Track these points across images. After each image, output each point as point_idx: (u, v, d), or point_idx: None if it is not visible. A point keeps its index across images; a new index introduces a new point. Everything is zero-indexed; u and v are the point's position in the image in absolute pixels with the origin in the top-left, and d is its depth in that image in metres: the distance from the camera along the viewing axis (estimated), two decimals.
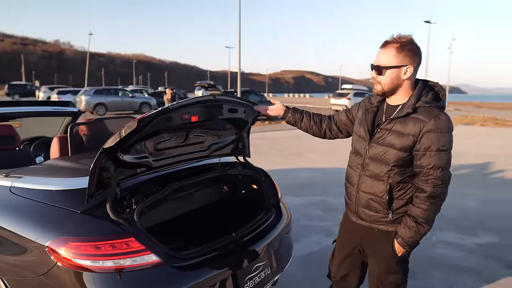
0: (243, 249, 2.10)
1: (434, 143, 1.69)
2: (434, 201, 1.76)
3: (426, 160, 1.71)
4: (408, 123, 1.73)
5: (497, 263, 3.51)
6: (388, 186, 1.79)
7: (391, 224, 1.86)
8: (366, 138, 1.86)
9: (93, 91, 22.28)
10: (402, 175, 1.79)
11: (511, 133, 14.55)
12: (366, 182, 1.86)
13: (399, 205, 1.83)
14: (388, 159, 1.77)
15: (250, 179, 2.64)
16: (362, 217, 1.92)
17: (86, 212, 1.73)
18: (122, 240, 1.66)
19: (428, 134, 1.69)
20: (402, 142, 1.73)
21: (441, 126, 1.69)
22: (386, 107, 1.86)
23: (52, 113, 3.74)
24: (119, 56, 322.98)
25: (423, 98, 1.74)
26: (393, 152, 1.76)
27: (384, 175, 1.79)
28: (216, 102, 2.11)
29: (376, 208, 1.85)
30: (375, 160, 1.81)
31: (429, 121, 1.69)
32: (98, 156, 1.69)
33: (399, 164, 1.77)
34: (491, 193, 5.98)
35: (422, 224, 1.77)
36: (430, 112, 1.71)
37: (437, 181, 1.73)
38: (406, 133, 1.72)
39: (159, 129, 1.93)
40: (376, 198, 1.83)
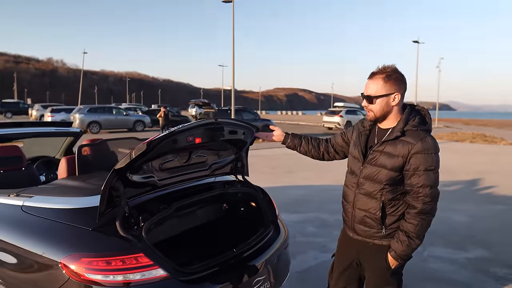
0: (244, 264, 2.21)
1: (422, 163, 1.83)
2: (424, 217, 1.88)
3: (416, 179, 1.85)
4: (397, 145, 1.87)
5: (487, 277, 3.64)
6: (381, 203, 1.92)
7: (384, 238, 1.97)
8: (360, 159, 2.00)
9: (87, 109, 22.36)
10: (394, 193, 1.92)
11: (499, 150, 14.89)
12: (361, 200, 1.99)
13: (391, 220, 1.95)
14: (380, 178, 1.90)
15: (249, 197, 2.76)
16: (358, 233, 2.04)
17: (97, 230, 1.83)
18: (131, 255, 1.77)
19: (416, 155, 1.83)
20: (393, 163, 1.87)
21: (427, 147, 1.84)
22: (378, 130, 2.01)
23: (55, 133, 3.84)
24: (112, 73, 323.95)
25: (410, 122, 1.89)
26: (385, 172, 1.89)
27: (377, 193, 1.92)
28: (218, 125, 2.25)
29: (370, 224, 1.97)
30: (369, 180, 1.94)
31: (416, 143, 1.83)
32: (110, 176, 1.81)
33: (390, 183, 1.90)
34: (479, 209, 6.15)
35: (413, 239, 1.89)
36: (417, 135, 1.86)
37: (426, 198, 1.86)
38: (396, 154, 1.86)
39: (165, 150, 2.06)
40: (370, 214, 1.96)
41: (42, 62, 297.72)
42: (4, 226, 2.03)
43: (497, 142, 17.58)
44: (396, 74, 1.89)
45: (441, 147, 1.92)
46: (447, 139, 19.24)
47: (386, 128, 1.97)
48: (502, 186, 7.89)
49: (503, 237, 4.77)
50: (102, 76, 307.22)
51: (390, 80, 1.87)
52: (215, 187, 2.61)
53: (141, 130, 23.66)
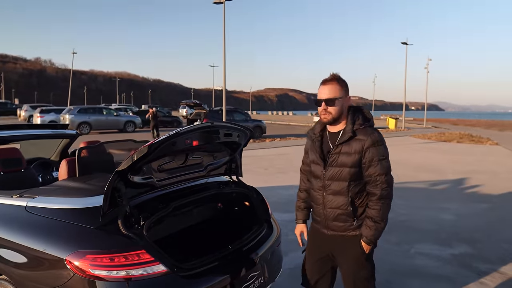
0: (239, 260, 2.32)
1: (375, 155, 2.07)
2: (384, 201, 2.10)
3: (372, 169, 2.08)
4: (352, 144, 2.10)
5: (470, 272, 3.81)
6: (349, 198, 2.13)
7: (357, 229, 2.18)
8: (321, 163, 2.19)
9: (77, 110, 22.22)
10: (358, 186, 2.14)
11: (486, 149, 15.23)
12: (330, 200, 2.17)
13: (361, 211, 2.17)
14: (344, 176, 2.11)
15: (243, 197, 2.88)
16: (334, 229, 2.21)
17: (100, 228, 1.93)
18: (133, 252, 1.87)
19: (369, 149, 2.07)
20: (351, 160, 2.09)
21: (376, 140, 2.08)
22: (329, 134, 2.21)
23: (52, 135, 3.91)
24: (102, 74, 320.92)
25: (357, 122, 2.12)
26: (347, 170, 2.10)
27: (344, 190, 2.13)
28: (214, 128, 2.36)
29: (343, 219, 2.17)
30: (334, 180, 2.14)
31: (367, 139, 2.07)
32: (112, 178, 1.91)
33: (354, 178, 2.12)
34: (466, 207, 6.35)
35: (379, 222, 2.11)
36: (365, 132, 2.10)
37: (383, 184, 2.09)
38: (352, 152, 2.09)
39: (165, 152, 2.17)
40: (342, 211, 2.15)
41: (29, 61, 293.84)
42: (9, 226, 2.12)
43: (483, 142, 17.96)
44: (344, 80, 2.16)
45: (429, 147, 2.12)
46: (435, 139, 19.59)
47: (337, 131, 2.18)
48: (488, 185, 8.13)
49: (487, 235, 4.96)
50: (91, 76, 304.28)
51: (343, 85, 2.13)
52: (211, 187, 2.72)
53: (132, 130, 23.59)
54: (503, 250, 4.41)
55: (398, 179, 8.75)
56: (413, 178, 8.89)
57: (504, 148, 15.90)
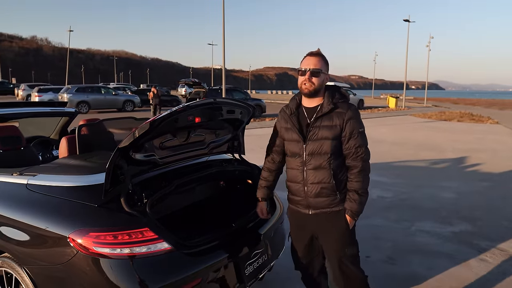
0: (243, 237, 2.31)
1: (356, 127, 2.09)
2: (365, 173, 2.11)
3: (352, 141, 2.09)
4: (332, 117, 2.10)
5: (470, 248, 3.84)
6: (331, 171, 2.10)
7: (340, 203, 2.15)
8: (300, 139, 2.14)
9: (75, 89, 22.02)
10: (338, 159, 2.13)
11: (486, 128, 15.20)
12: (312, 175, 2.13)
13: (342, 185, 2.15)
14: (326, 149, 2.09)
15: (245, 175, 2.85)
16: (316, 206, 2.16)
17: (103, 206, 1.90)
18: (137, 230, 1.85)
19: (350, 121, 2.09)
20: (333, 133, 2.09)
21: (356, 114, 2.12)
22: (306, 110, 2.19)
23: (51, 113, 3.85)
24: (99, 52, 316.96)
25: (335, 98, 2.14)
26: (328, 142, 2.09)
27: (325, 164, 2.10)
28: (217, 104, 2.31)
29: (326, 193, 2.13)
30: (315, 154, 2.11)
31: (347, 111, 2.10)
32: (114, 155, 1.87)
33: (334, 151, 2.10)
34: (466, 185, 6.37)
35: (362, 195, 2.11)
36: (345, 105, 2.13)
37: (365, 156, 2.10)
38: (333, 124, 2.09)
39: (167, 129, 2.12)
40: (325, 184, 2.12)
41: (25, 40, 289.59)
42: (10, 204, 2.09)
43: (483, 121, 17.91)
44: (326, 58, 2.16)
45: (429, 126, 2.11)
46: (435, 118, 19.53)
47: (313, 106, 2.16)
48: (488, 163, 8.13)
49: (487, 213, 4.98)
50: (89, 54, 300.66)
51: (325, 62, 2.14)
52: (213, 165, 2.69)
53: (131, 110, 23.43)
54: (503, 228, 4.43)
55: (399, 157, 8.75)
56: (414, 156, 8.88)
57: (504, 127, 15.87)
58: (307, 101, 2.19)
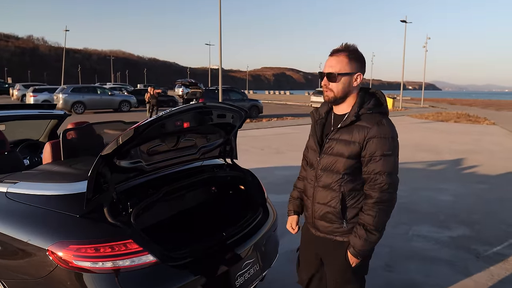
0: (233, 247, 2.22)
1: (378, 148, 1.71)
2: (382, 206, 1.73)
3: (372, 165, 1.72)
4: (353, 131, 1.75)
5: (468, 254, 3.76)
6: (340, 195, 1.79)
7: (346, 234, 1.83)
8: (317, 150, 1.87)
9: (71, 89, 21.84)
10: (353, 183, 1.79)
11: (483, 129, 15.17)
12: (320, 193, 1.85)
13: (352, 214, 1.81)
14: (338, 168, 1.78)
15: (237, 180, 2.76)
16: (320, 229, 1.90)
17: (84, 216, 1.81)
18: (120, 242, 1.75)
19: (372, 139, 1.71)
20: (350, 150, 1.75)
21: (383, 131, 1.72)
22: (334, 117, 1.88)
23: (38, 116, 3.74)
24: (96, 52, 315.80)
25: (365, 106, 1.77)
26: (342, 160, 1.77)
27: (335, 184, 1.79)
28: (206, 109, 2.22)
29: (331, 219, 1.83)
30: (327, 171, 1.82)
31: (372, 127, 1.71)
32: (96, 162, 1.77)
33: (349, 172, 1.78)
34: (463, 188, 6.30)
35: (372, 232, 1.73)
36: (372, 118, 1.74)
37: (384, 186, 1.72)
38: (352, 140, 1.74)
39: (153, 135, 2.03)
40: (330, 208, 1.82)
41: (22, 39, 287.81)
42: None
43: (480, 122, 17.90)
44: (359, 53, 1.78)
45: (426, 127, 1.89)
46: (432, 119, 19.50)
47: (342, 113, 1.84)
48: (485, 165, 8.08)
49: (485, 216, 4.91)
50: (85, 54, 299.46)
51: (353, 59, 1.76)
52: (204, 171, 2.60)
53: (127, 110, 23.29)
54: (501, 232, 4.36)
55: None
56: (411, 158, 8.82)
57: (501, 128, 15.85)
58: (336, 107, 1.87)
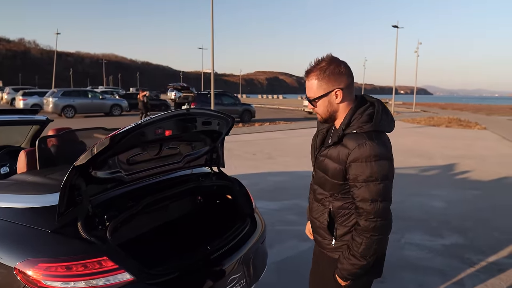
0: (218, 262, 2.11)
1: (359, 173, 1.53)
2: (368, 235, 1.56)
3: (355, 192, 1.57)
4: (338, 151, 1.60)
5: (462, 263, 3.69)
6: (328, 211, 1.70)
7: (336, 251, 1.72)
8: (313, 162, 1.81)
9: (61, 93, 21.58)
10: (342, 201, 1.67)
11: (474, 134, 15.24)
12: (313, 207, 1.80)
13: (342, 231, 1.69)
14: (325, 186, 1.70)
15: (224, 190, 2.65)
16: (316, 242, 1.84)
17: (56, 231, 1.69)
18: (94, 259, 1.64)
19: (353, 164, 1.54)
20: (333, 170, 1.62)
21: (366, 154, 1.51)
22: (333, 129, 1.73)
23: (19, 122, 3.60)
24: (88, 55, 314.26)
25: (353, 122, 1.59)
26: (328, 179, 1.66)
27: (325, 200, 1.72)
28: (190, 116, 2.11)
29: (321, 234, 1.77)
30: (318, 185, 1.74)
31: (352, 149, 1.54)
32: (69, 174, 1.66)
33: (336, 192, 1.66)
34: (455, 194, 6.25)
35: (358, 258, 1.59)
36: (355, 139, 1.55)
37: (368, 215, 1.54)
38: (336, 160, 1.61)
39: (132, 144, 1.92)
40: (319, 222, 1.76)
41: (13, 42, 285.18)
42: None
43: (471, 127, 17.99)
44: (331, 66, 1.56)
45: (418, 132, 1.74)
46: (424, 124, 19.58)
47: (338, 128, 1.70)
48: (477, 171, 8.06)
49: (477, 223, 4.86)
50: (78, 58, 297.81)
51: (325, 77, 1.57)
52: (189, 180, 2.49)
53: (119, 114, 23.08)
54: (494, 240, 4.30)
55: None
56: (403, 163, 8.78)
57: (492, 132, 15.94)
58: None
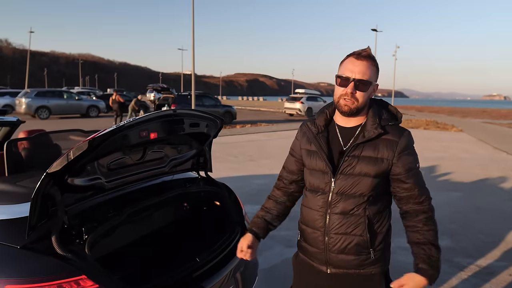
0: (209, 275, 1.94)
1: (412, 162, 1.54)
2: (434, 219, 1.57)
3: (411, 181, 1.54)
4: (378, 146, 1.52)
5: (451, 267, 3.65)
6: (366, 220, 1.53)
7: (373, 265, 1.58)
8: (328, 170, 1.56)
9: (35, 93, 20.79)
10: (378, 205, 1.57)
11: (451, 136, 15.58)
12: (338, 222, 1.55)
13: (379, 240, 1.58)
14: (362, 190, 1.52)
15: (212, 196, 2.49)
16: (338, 265, 1.58)
17: (27, 247, 1.49)
18: (71, 279, 1.45)
19: (404, 153, 1.53)
20: (377, 168, 1.52)
21: (411, 143, 1.56)
22: (340, 130, 1.60)
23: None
24: (64, 55, 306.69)
25: (383, 117, 1.56)
26: (368, 180, 1.52)
27: (359, 208, 1.53)
28: (177, 117, 1.95)
29: (356, 250, 1.55)
30: (345, 194, 1.54)
31: (400, 140, 1.52)
32: (41, 183, 1.47)
33: (375, 194, 1.54)
34: (438, 196, 6.28)
35: (438, 248, 1.52)
36: (397, 130, 1.55)
37: (429, 199, 1.57)
38: (379, 157, 1.52)
39: (114, 148, 1.74)
40: (356, 237, 1.54)
41: None
42: None
43: (448, 129, 18.41)
44: (376, 62, 1.55)
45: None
46: (403, 126, 19.88)
47: (351, 126, 1.58)
48: (458, 172, 8.17)
49: (462, 226, 4.86)
50: (53, 57, 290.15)
51: (377, 67, 1.54)
52: (175, 186, 2.32)
53: (96, 116, 22.45)
54: (481, 243, 4.30)
55: None
56: None
57: (468, 135, 16.33)
58: (342, 118, 1.59)
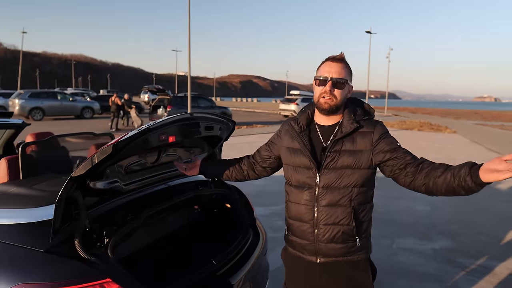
0: (225, 278, 1.95)
1: (392, 141, 1.69)
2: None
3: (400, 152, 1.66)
4: (356, 139, 1.68)
5: (454, 267, 3.70)
6: (352, 210, 1.66)
7: (359, 251, 1.71)
8: (312, 166, 1.69)
9: (29, 94, 20.59)
10: (363, 195, 1.69)
11: (445, 138, 15.74)
12: (326, 213, 1.66)
13: (364, 228, 1.71)
14: (346, 182, 1.66)
15: (224, 199, 2.51)
16: (327, 254, 1.70)
17: (50, 251, 1.49)
18: (96, 282, 1.45)
19: (382, 138, 1.68)
20: (357, 160, 1.66)
21: (386, 130, 1.73)
22: (320, 128, 1.76)
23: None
24: (56, 56, 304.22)
25: (357, 114, 1.73)
26: (349, 172, 1.66)
27: (344, 200, 1.66)
28: (194, 120, 1.97)
29: (343, 238, 1.68)
30: (331, 188, 1.66)
31: (374, 130, 1.69)
32: (66, 186, 1.47)
33: (359, 184, 1.67)
34: (437, 197, 6.34)
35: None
36: (371, 123, 1.72)
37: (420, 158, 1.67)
38: (357, 149, 1.67)
39: (134, 151, 1.75)
40: (343, 227, 1.67)
41: None
42: None
43: (442, 131, 18.59)
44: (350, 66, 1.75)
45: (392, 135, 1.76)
46: (397, 127, 20.04)
47: (330, 124, 1.74)
48: None
49: (462, 226, 4.92)
50: (45, 58, 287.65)
51: (350, 70, 1.73)
52: (187, 189, 2.33)
53: (90, 117, 22.30)
54: (482, 243, 4.36)
55: None
56: None
57: (462, 136, 16.52)
58: (322, 118, 1.74)
